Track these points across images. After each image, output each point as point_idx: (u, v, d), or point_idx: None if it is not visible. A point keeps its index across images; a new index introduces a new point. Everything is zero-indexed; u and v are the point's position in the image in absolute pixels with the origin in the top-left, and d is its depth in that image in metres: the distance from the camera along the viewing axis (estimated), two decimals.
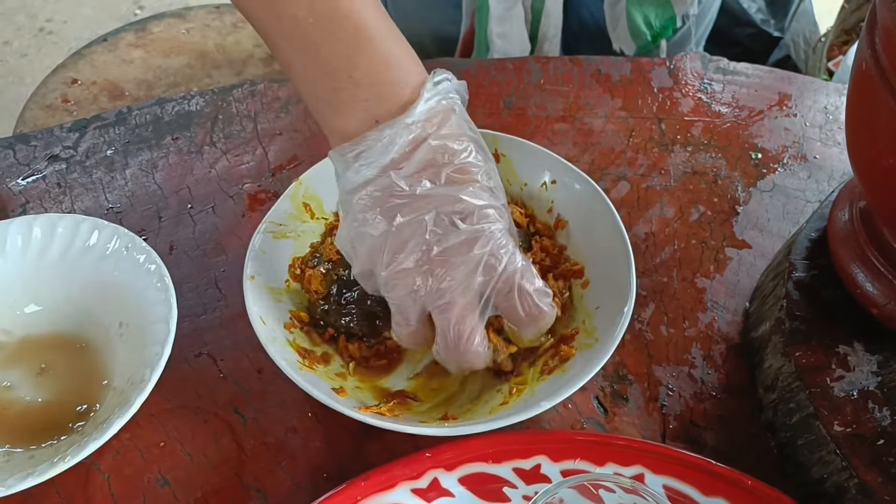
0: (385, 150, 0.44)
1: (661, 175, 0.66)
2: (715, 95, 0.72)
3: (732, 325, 0.56)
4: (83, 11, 2.14)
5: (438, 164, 0.44)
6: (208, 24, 1.12)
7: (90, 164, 0.66)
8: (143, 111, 0.70)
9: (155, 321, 0.50)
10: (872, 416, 0.44)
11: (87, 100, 1.00)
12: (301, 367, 0.48)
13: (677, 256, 0.60)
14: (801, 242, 0.53)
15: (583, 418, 0.52)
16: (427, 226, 0.43)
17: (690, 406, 0.52)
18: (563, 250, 0.56)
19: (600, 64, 0.74)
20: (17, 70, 1.98)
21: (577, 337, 0.50)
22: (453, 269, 0.43)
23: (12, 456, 0.48)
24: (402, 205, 0.44)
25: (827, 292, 0.50)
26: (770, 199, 0.64)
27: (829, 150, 0.68)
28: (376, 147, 0.44)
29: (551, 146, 0.66)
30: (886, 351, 0.47)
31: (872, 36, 0.40)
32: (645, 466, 0.46)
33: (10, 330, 0.54)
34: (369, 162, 0.44)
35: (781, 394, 0.49)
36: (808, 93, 0.73)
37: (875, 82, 0.39)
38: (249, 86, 0.72)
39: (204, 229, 0.61)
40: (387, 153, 0.44)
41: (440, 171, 0.44)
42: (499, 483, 0.45)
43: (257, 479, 0.49)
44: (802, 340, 0.48)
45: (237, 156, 0.66)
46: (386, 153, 0.44)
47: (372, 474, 0.45)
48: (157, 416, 0.51)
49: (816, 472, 0.46)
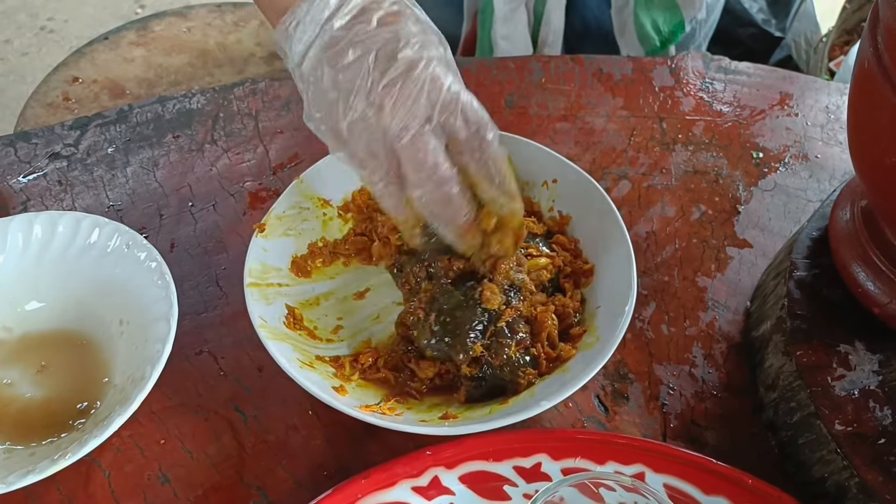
0: (320, 9, 0.46)
1: (662, 174, 0.66)
2: (716, 95, 0.72)
3: (733, 325, 0.56)
4: (84, 10, 2.14)
5: (369, 10, 0.46)
6: (209, 23, 1.12)
7: (91, 161, 0.66)
8: (145, 109, 0.70)
9: (156, 319, 0.50)
10: (873, 415, 0.44)
11: (89, 98, 1.00)
12: (301, 365, 0.48)
13: (678, 255, 0.60)
14: (803, 241, 0.53)
15: (584, 417, 0.52)
16: (369, 65, 0.45)
17: (691, 405, 0.52)
18: (577, 243, 0.56)
19: (602, 63, 0.74)
20: (18, 68, 1.98)
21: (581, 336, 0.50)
22: (401, 98, 0.45)
23: (13, 453, 0.48)
24: (340, 51, 0.46)
25: (828, 291, 0.50)
26: (771, 198, 0.64)
27: (830, 150, 0.68)
28: (312, 9, 0.46)
29: (553, 145, 0.66)
30: (888, 350, 0.47)
31: (875, 34, 0.40)
32: (646, 465, 0.46)
33: (10, 327, 0.54)
34: (309, 28, 0.47)
35: (782, 393, 0.49)
36: (809, 92, 0.73)
37: (877, 80, 0.39)
38: (251, 84, 0.72)
39: (205, 227, 0.61)
40: (322, 11, 0.46)
41: (372, 16, 0.46)
42: (499, 481, 0.45)
43: (258, 476, 0.49)
44: (804, 339, 0.48)
45: (238, 154, 0.66)
46: (322, 11, 0.46)
47: (373, 472, 0.45)
48: (158, 413, 0.51)
49: (817, 472, 0.46)
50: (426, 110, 0.45)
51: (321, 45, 0.46)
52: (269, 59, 1.09)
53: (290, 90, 0.71)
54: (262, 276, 0.52)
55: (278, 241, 0.55)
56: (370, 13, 0.46)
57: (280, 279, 0.54)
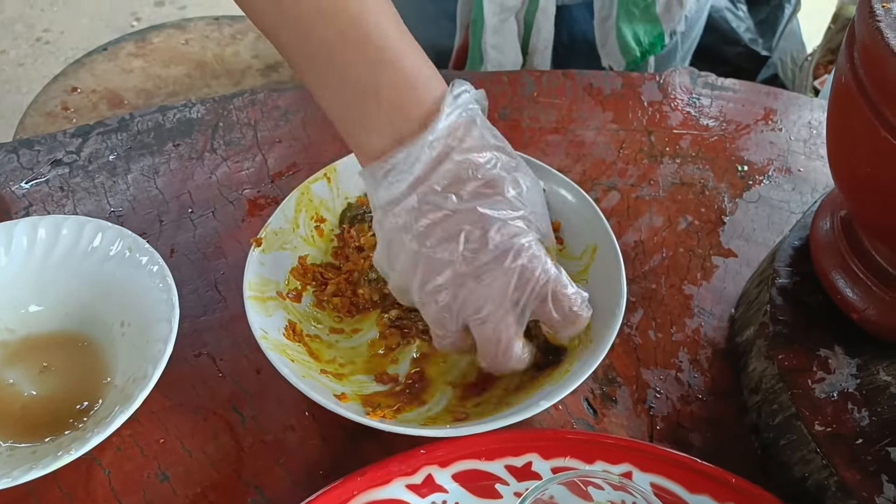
0: (410, 168, 0.44)
1: (650, 185, 0.68)
2: (703, 110, 0.74)
3: (718, 331, 0.58)
4: (81, 22, 2.16)
5: (463, 179, 0.45)
6: (207, 36, 1.14)
7: (92, 168, 0.67)
8: (145, 118, 0.71)
9: (157, 320, 0.51)
10: (852, 416, 0.46)
11: (87, 107, 1.02)
12: (303, 374, 0.49)
13: (666, 264, 0.62)
14: (785, 250, 0.55)
15: (573, 419, 0.53)
16: (459, 245, 0.44)
17: (677, 408, 0.54)
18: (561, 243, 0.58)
19: (592, 78, 0.76)
20: (14, 79, 1.99)
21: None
22: (488, 285, 0.45)
23: (15, 451, 0.49)
24: (430, 224, 0.45)
25: (809, 298, 0.52)
26: (755, 209, 0.66)
27: (812, 164, 0.70)
28: (402, 166, 0.45)
29: (544, 157, 0.68)
30: (865, 354, 0.49)
31: (851, 51, 0.42)
32: (633, 464, 0.47)
33: (13, 328, 0.55)
34: (397, 180, 0.45)
35: (765, 395, 0.50)
36: (792, 108, 0.75)
37: (853, 94, 0.41)
38: (250, 94, 0.73)
39: (204, 233, 0.63)
40: (412, 171, 0.44)
41: (465, 186, 0.44)
42: (491, 480, 0.47)
43: (255, 475, 0.50)
44: (785, 344, 0.50)
45: (237, 162, 0.68)
46: (411, 171, 0.44)
47: (368, 470, 0.46)
48: (158, 413, 0.52)
49: (798, 471, 0.47)
50: (513, 298, 0.45)
51: (408, 209, 0.45)
52: (265, 72, 1.11)
53: (288, 101, 0.73)
54: (262, 290, 0.54)
55: (275, 255, 0.56)
56: (465, 183, 0.45)
57: (279, 289, 0.55)
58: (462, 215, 0.44)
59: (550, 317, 0.47)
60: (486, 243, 0.44)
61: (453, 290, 0.45)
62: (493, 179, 0.45)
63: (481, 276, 0.44)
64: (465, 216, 0.44)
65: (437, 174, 0.45)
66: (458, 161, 0.45)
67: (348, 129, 0.47)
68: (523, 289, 0.45)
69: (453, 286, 0.45)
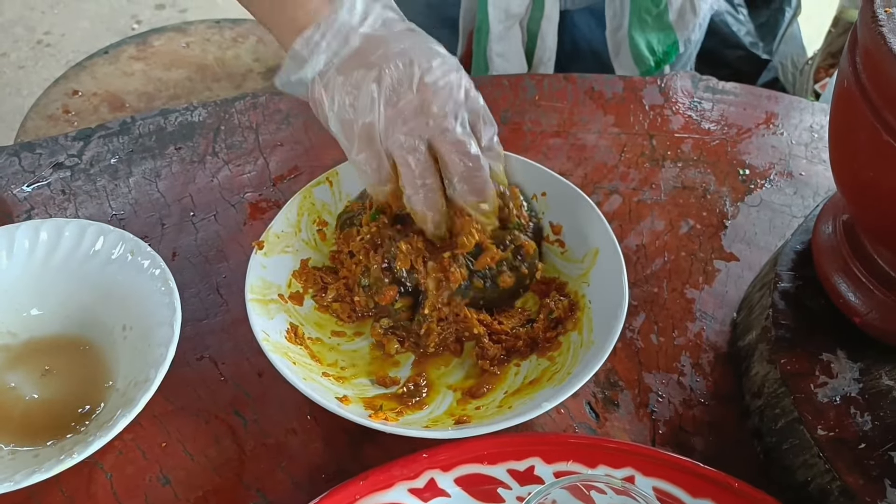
0: (349, 16, 0.52)
1: (652, 189, 0.68)
2: (704, 113, 0.75)
3: (720, 335, 0.58)
4: (81, 25, 2.16)
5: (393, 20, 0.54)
6: (208, 39, 1.14)
7: (94, 171, 0.67)
8: (147, 121, 0.71)
9: (159, 324, 0.51)
10: (854, 420, 0.46)
11: (88, 110, 1.02)
12: (305, 377, 0.49)
13: (667, 268, 0.62)
14: (787, 254, 0.55)
15: (575, 423, 0.53)
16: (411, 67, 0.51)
17: (679, 412, 0.54)
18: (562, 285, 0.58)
19: (594, 82, 0.76)
20: (14, 82, 1.99)
21: (573, 336, 0.52)
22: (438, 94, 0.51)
23: (17, 454, 0.49)
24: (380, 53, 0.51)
25: (811, 302, 0.52)
26: (757, 213, 0.66)
27: (814, 168, 0.70)
28: (336, 23, 0.52)
29: (546, 160, 0.68)
30: (868, 359, 0.49)
31: (854, 55, 0.42)
32: (635, 468, 0.47)
33: (15, 332, 0.55)
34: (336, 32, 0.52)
35: (767, 400, 0.50)
36: (794, 112, 0.75)
37: (856, 98, 0.41)
38: (251, 98, 0.73)
39: (206, 236, 0.63)
40: (352, 18, 0.52)
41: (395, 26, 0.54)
42: (493, 484, 0.47)
43: (257, 478, 0.50)
44: (787, 348, 0.50)
45: (239, 165, 0.68)
46: (351, 18, 0.52)
47: (370, 474, 0.46)
48: (160, 417, 0.52)
49: (801, 476, 0.47)
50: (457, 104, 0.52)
51: (355, 48, 0.52)
52: (266, 75, 1.11)
53: (290, 104, 0.73)
54: (264, 293, 0.54)
55: (277, 259, 0.56)
56: (395, 24, 0.53)
57: (281, 292, 0.55)
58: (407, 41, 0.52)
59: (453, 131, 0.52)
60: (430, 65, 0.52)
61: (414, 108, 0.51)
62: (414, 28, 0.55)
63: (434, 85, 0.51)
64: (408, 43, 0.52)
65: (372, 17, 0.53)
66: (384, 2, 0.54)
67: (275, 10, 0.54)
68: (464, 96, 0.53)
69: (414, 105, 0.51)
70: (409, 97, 0.51)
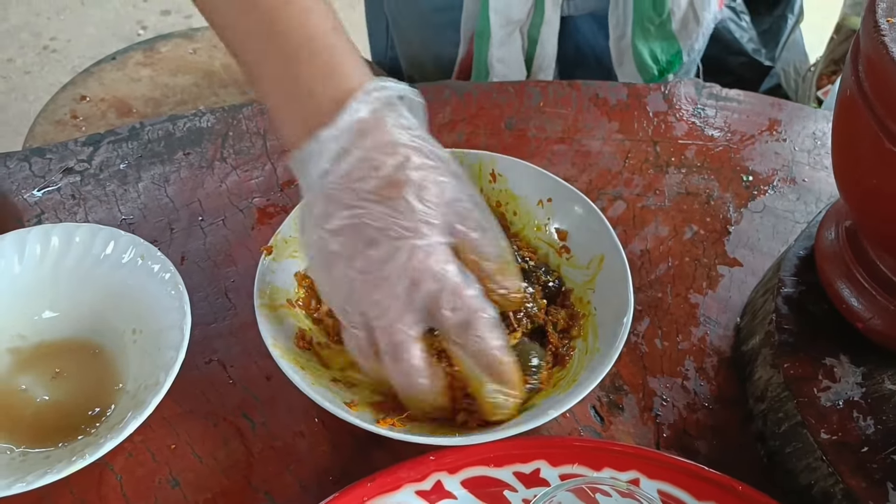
0: (317, 160, 0.45)
1: (656, 195, 0.68)
2: (708, 120, 0.75)
3: (724, 340, 0.58)
4: (87, 30, 2.17)
5: (360, 176, 0.44)
6: (215, 45, 1.15)
7: (104, 176, 0.68)
8: (156, 127, 0.72)
9: (169, 327, 0.52)
10: (857, 424, 0.46)
11: (96, 116, 1.03)
12: (313, 382, 0.50)
13: (671, 273, 0.62)
14: (790, 260, 0.55)
15: (580, 426, 0.54)
16: (353, 241, 0.44)
17: (683, 416, 0.54)
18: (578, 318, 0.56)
19: (598, 88, 0.77)
20: (21, 87, 2.01)
21: (578, 343, 0.53)
22: (380, 284, 0.44)
23: (28, 456, 0.50)
24: (329, 216, 0.44)
25: (814, 307, 0.52)
26: (760, 219, 0.67)
27: (817, 174, 0.71)
28: (311, 157, 0.45)
29: (550, 166, 0.69)
30: (870, 363, 0.49)
31: (856, 64, 0.43)
32: (640, 471, 0.47)
33: (26, 335, 0.55)
34: (310, 170, 0.45)
35: (771, 404, 0.51)
36: (797, 119, 0.76)
37: (859, 107, 0.41)
38: (259, 104, 0.74)
39: (214, 241, 0.63)
40: (319, 163, 0.45)
41: (365, 183, 0.44)
42: (500, 486, 0.47)
43: (265, 481, 0.50)
44: (791, 353, 0.50)
45: (247, 171, 0.69)
46: (318, 164, 0.45)
47: (377, 476, 0.46)
48: (169, 419, 0.53)
49: (804, 479, 0.48)
50: (407, 297, 0.44)
51: (313, 200, 0.46)
52: None
53: None
54: (272, 297, 0.54)
55: (285, 263, 0.56)
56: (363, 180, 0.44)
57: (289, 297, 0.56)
58: (358, 211, 0.44)
59: (445, 323, 0.45)
60: (375, 241, 0.44)
61: (349, 288, 0.45)
62: (395, 181, 0.44)
63: (372, 276, 0.44)
64: (360, 212, 0.44)
65: (338, 168, 0.44)
66: (359, 156, 0.44)
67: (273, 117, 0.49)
68: (415, 286, 0.44)
69: (348, 284, 0.45)
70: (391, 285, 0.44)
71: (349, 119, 0.45)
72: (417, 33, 0.95)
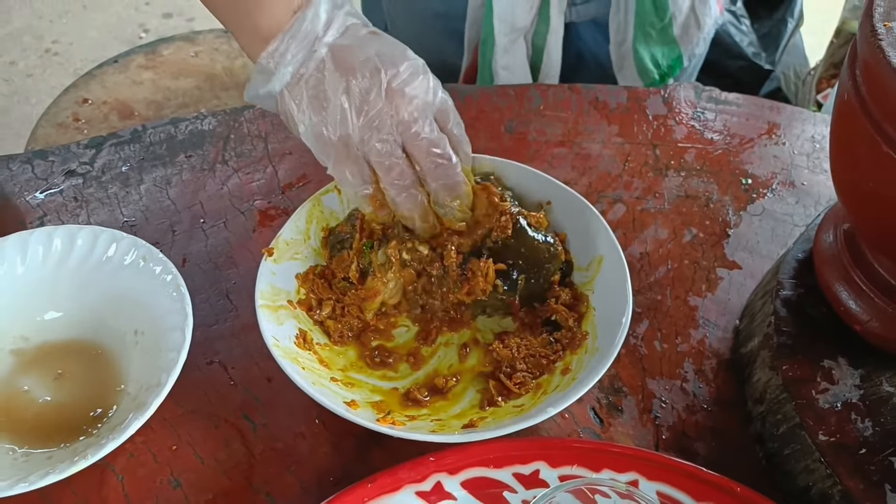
0: (313, 25, 0.52)
1: (655, 198, 0.68)
2: (707, 123, 0.75)
3: (723, 342, 0.59)
4: (89, 34, 2.17)
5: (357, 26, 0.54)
6: (217, 48, 1.16)
7: (106, 179, 0.68)
8: (158, 130, 0.72)
9: (170, 329, 0.52)
10: (855, 426, 0.47)
11: (98, 118, 1.03)
12: (314, 382, 0.50)
13: (671, 276, 0.63)
14: (789, 263, 0.55)
15: (579, 428, 0.54)
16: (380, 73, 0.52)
17: (682, 418, 0.54)
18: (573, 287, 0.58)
19: (598, 92, 0.77)
20: (23, 90, 2.01)
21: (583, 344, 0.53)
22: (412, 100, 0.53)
23: (30, 456, 0.50)
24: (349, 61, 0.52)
25: (813, 310, 0.53)
26: (759, 222, 0.67)
27: (816, 177, 0.71)
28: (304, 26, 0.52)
29: (551, 169, 0.69)
30: (868, 365, 0.49)
31: (854, 68, 0.43)
32: (639, 473, 0.48)
33: (28, 336, 0.56)
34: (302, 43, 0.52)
35: (769, 406, 0.51)
36: (796, 123, 0.76)
37: (856, 111, 0.42)
38: (260, 107, 0.74)
39: (216, 243, 0.64)
40: (315, 27, 0.52)
41: (360, 30, 0.54)
42: (499, 487, 0.47)
43: (266, 482, 0.51)
44: (789, 355, 0.50)
45: (248, 174, 0.69)
46: (315, 28, 0.52)
47: (378, 477, 0.47)
48: (170, 420, 0.53)
49: (802, 481, 0.48)
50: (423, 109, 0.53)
51: (322, 57, 0.52)
52: None
53: None
54: (273, 299, 0.54)
55: (286, 265, 0.57)
56: (359, 29, 0.54)
57: (290, 298, 0.56)
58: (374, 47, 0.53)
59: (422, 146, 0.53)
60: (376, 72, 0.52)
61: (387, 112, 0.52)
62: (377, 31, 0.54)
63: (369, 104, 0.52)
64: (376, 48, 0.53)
65: (336, 24, 0.53)
66: (347, 10, 0.54)
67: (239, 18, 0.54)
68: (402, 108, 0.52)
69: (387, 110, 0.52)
70: (378, 105, 0.52)
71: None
72: (417, 39, 0.95)
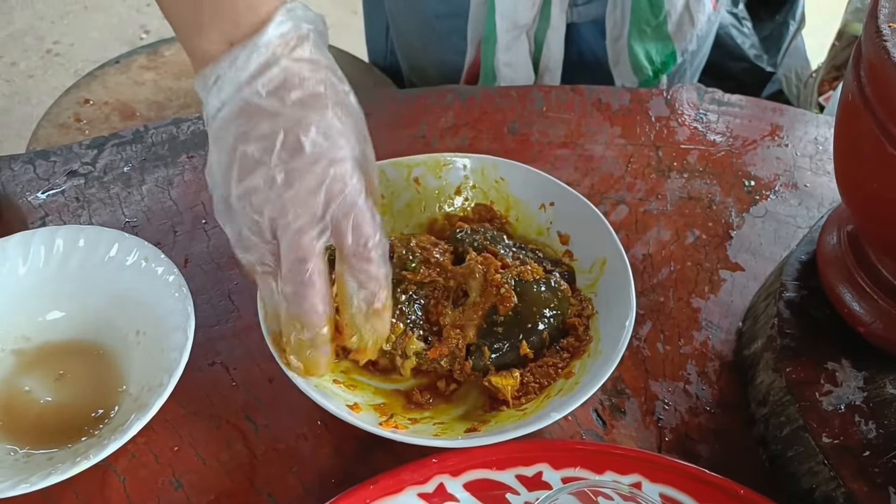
0: (237, 74, 0.45)
1: (658, 200, 0.68)
2: (710, 125, 0.75)
3: (726, 344, 0.59)
4: (90, 34, 2.17)
5: (289, 86, 0.45)
6: None
7: (108, 179, 0.68)
8: (160, 130, 0.72)
9: (173, 329, 0.52)
10: (859, 428, 0.47)
11: (100, 119, 1.03)
12: (316, 384, 0.50)
13: (673, 277, 0.63)
14: (792, 265, 0.55)
15: (582, 430, 0.54)
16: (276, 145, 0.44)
17: (685, 420, 0.54)
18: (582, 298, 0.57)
19: (601, 93, 0.77)
20: (24, 90, 2.01)
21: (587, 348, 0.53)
22: (296, 189, 0.44)
23: (32, 457, 0.50)
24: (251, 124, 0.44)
25: (816, 312, 0.52)
26: (762, 224, 0.67)
27: (818, 179, 0.71)
28: (229, 73, 0.45)
29: (553, 171, 0.69)
30: (872, 367, 0.49)
31: (858, 69, 0.43)
32: (642, 475, 0.48)
33: (30, 336, 0.55)
34: (225, 85, 0.45)
35: (773, 408, 0.51)
36: (798, 124, 0.76)
37: (860, 112, 0.42)
38: None
39: (218, 244, 0.63)
40: (238, 77, 0.45)
41: (290, 93, 0.45)
42: (502, 489, 0.47)
43: (268, 483, 0.50)
44: (793, 357, 0.50)
45: None
46: (237, 77, 0.45)
47: (380, 479, 0.47)
48: (172, 421, 0.53)
49: (806, 483, 0.48)
50: (319, 206, 0.45)
51: (233, 110, 0.45)
52: None
53: None
54: None
55: None
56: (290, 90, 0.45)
57: None
58: (283, 119, 0.44)
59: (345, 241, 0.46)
60: (301, 147, 0.44)
61: (265, 193, 0.45)
62: (318, 94, 0.45)
63: (291, 180, 0.44)
64: (285, 119, 0.44)
65: (263, 78, 0.44)
66: (286, 66, 0.45)
67: (183, 32, 0.48)
68: (330, 198, 0.45)
69: (265, 188, 0.45)
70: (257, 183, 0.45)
71: (275, 32, 0.45)
72: (419, 38, 0.95)
